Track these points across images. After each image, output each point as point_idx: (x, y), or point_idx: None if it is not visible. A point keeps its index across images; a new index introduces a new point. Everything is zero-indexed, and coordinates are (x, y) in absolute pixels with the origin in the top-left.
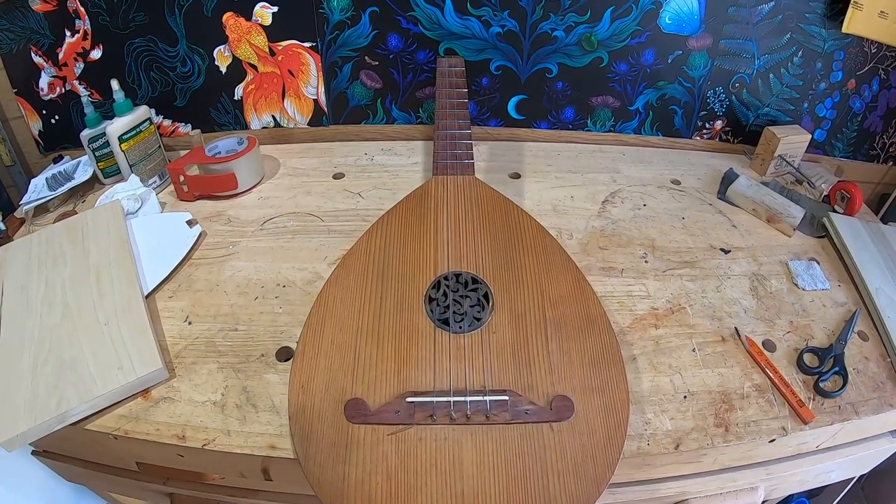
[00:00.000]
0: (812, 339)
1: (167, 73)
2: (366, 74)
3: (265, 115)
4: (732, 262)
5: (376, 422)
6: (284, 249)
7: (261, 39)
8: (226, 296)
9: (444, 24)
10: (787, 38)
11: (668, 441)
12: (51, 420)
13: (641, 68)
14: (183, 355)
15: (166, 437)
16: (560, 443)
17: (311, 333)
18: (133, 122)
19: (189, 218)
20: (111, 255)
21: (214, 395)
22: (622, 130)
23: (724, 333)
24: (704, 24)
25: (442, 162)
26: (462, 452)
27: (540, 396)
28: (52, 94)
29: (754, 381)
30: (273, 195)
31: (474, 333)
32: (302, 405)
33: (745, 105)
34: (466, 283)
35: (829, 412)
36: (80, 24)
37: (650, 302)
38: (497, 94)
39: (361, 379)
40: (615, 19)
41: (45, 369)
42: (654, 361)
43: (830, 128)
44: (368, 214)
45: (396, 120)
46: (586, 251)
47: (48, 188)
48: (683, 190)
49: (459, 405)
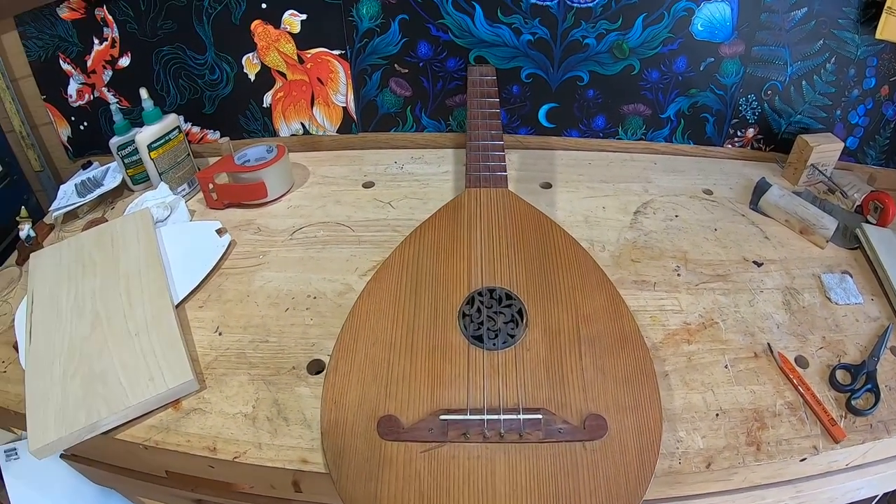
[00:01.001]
0: (845, 356)
1: (195, 80)
2: (395, 82)
3: (294, 122)
4: (765, 275)
5: (409, 439)
6: (315, 260)
7: (289, 47)
8: (256, 307)
9: (475, 32)
10: (819, 44)
11: (700, 460)
12: (81, 430)
13: (673, 76)
14: (213, 366)
15: (197, 449)
16: (593, 462)
17: (343, 348)
18: (162, 131)
19: (219, 226)
20: (141, 264)
21: (245, 407)
22: (653, 139)
23: (757, 349)
24: (737, 31)
25: (475, 174)
26: (495, 471)
27: (573, 415)
28: (81, 101)
29: (786, 398)
30: (303, 204)
31: (508, 350)
32: (334, 421)
33: (777, 112)
34: (500, 298)
35: (861, 430)
36: (108, 32)
37: (683, 317)
38: (528, 103)
39: (395, 395)
40: (647, 26)
41: (75, 379)
42: (686, 378)
43: (863, 135)
44: (399, 225)
45: (426, 128)
46: (619, 264)
47: (77, 195)
48: (715, 200)
49: (493, 423)
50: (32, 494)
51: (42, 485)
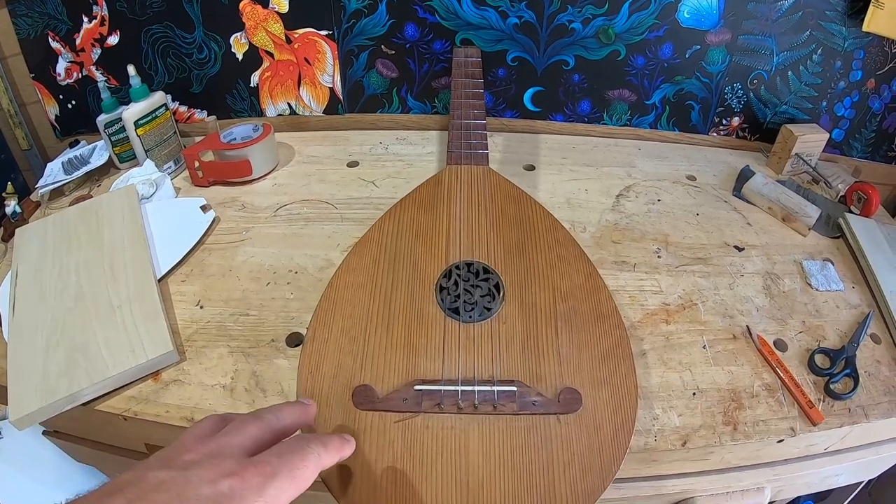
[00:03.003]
0: (824, 341)
1: (184, 59)
2: (382, 63)
3: (281, 102)
4: (746, 260)
5: (384, 409)
6: (297, 236)
7: (277, 27)
8: (238, 281)
9: (461, 14)
10: (806, 35)
11: (676, 437)
12: (61, 400)
13: (659, 62)
14: (194, 339)
15: (175, 420)
16: (567, 435)
17: (321, 319)
18: (149, 108)
19: (203, 203)
20: (125, 239)
21: (224, 378)
22: (638, 124)
23: (736, 331)
24: (723, 20)
25: (456, 151)
26: (468, 442)
27: (548, 388)
28: (69, 80)
29: (764, 380)
30: (287, 182)
31: (484, 323)
32: (310, 390)
33: (762, 102)
34: (478, 272)
35: (839, 414)
36: (97, 10)
37: (662, 297)
38: (513, 86)
39: (370, 366)
40: (633, 12)
41: (57, 351)
42: (664, 357)
43: (849, 127)
44: (382, 203)
45: (412, 109)
46: (599, 245)
47: (64, 172)
48: (699, 186)
49: (467, 394)
50: (16, 475)
51: (26, 465)
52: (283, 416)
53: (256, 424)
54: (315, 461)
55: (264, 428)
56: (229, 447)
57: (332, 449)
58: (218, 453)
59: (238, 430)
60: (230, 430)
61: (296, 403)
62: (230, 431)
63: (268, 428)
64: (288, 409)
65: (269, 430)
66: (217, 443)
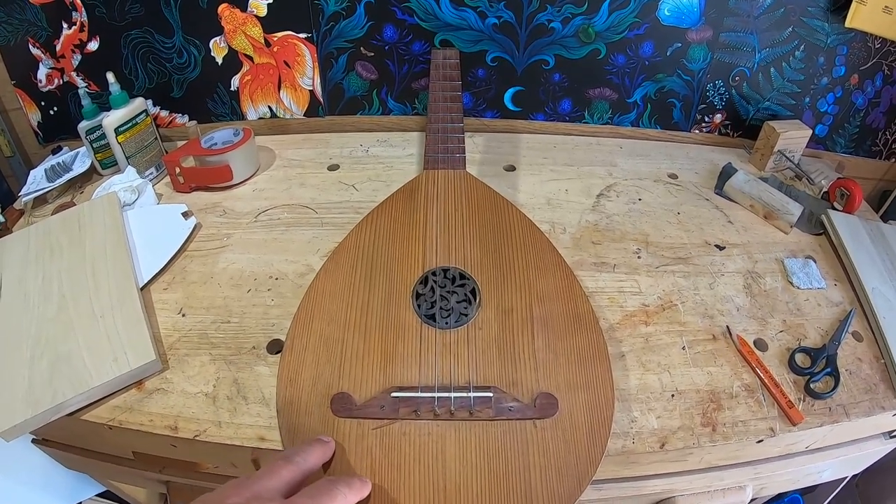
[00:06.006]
0: (805, 339)
1: (164, 64)
2: (361, 66)
3: (261, 105)
4: (727, 258)
5: (361, 416)
6: (278, 242)
7: (256, 30)
8: (219, 288)
9: (440, 16)
10: (788, 31)
11: (654, 440)
12: (47, 411)
13: (640, 60)
14: (176, 347)
15: (159, 428)
16: (543, 440)
17: (299, 327)
18: (129, 115)
19: (185, 210)
20: (107, 247)
21: (206, 386)
22: (620, 123)
23: (716, 332)
24: (704, 17)
25: (433, 156)
26: (445, 448)
27: (524, 393)
28: (51, 86)
29: (744, 380)
30: (268, 187)
31: (460, 329)
32: (289, 399)
33: (745, 99)
34: (454, 278)
35: (819, 414)
36: (76, 17)
37: (641, 298)
38: (493, 86)
39: (348, 373)
40: (613, 11)
41: (41, 361)
42: (642, 359)
43: (832, 123)
44: (362, 207)
45: (392, 111)
46: (579, 246)
47: (47, 179)
48: (680, 184)
49: (443, 401)
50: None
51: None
52: (309, 457)
53: (289, 469)
54: (342, 501)
55: (295, 471)
56: (267, 491)
57: (356, 489)
58: (258, 497)
59: (273, 474)
60: (264, 474)
61: (318, 443)
62: (264, 475)
63: (298, 470)
64: (312, 450)
65: (300, 472)
66: (256, 487)
